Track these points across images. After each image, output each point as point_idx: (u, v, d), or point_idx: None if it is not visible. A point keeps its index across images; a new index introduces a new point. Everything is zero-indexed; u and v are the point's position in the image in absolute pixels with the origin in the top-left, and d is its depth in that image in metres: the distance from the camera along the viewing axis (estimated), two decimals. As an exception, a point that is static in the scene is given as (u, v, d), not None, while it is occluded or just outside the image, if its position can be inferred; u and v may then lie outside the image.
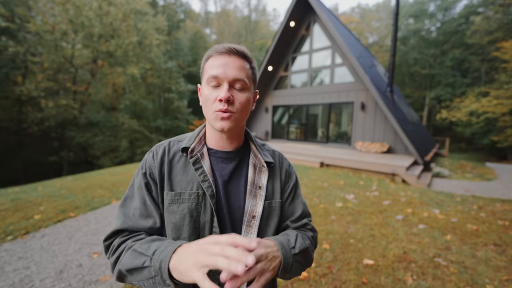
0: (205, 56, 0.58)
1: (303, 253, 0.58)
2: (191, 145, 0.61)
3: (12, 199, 3.51)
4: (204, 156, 0.62)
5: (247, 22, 29.79)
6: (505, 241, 2.45)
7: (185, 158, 0.61)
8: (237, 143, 0.65)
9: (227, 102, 0.53)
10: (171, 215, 0.58)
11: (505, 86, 10.64)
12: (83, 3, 12.46)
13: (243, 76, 0.55)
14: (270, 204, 0.64)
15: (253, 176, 0.63)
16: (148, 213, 0.59)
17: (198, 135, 0.64)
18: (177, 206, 0.57)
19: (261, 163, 0.65)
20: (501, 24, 13.90)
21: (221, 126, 0.55)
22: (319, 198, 3.68)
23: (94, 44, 13.51)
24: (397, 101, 8.28)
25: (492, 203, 3.78)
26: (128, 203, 0.60)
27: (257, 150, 0.66)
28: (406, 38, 21.52)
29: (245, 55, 0.57)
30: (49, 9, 11.91)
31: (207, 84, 0.55)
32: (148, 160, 0.62)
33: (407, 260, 2.05)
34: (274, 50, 9.23)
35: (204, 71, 0.58)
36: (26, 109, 12.26)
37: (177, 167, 0.61)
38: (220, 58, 0.55)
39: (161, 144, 0.65)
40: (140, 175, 0.61)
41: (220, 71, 0.53)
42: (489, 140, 13.95)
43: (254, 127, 11.28)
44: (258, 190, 0.63)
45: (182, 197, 0.58)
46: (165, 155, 0.62)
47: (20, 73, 11.70)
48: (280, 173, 0.69)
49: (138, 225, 0.58)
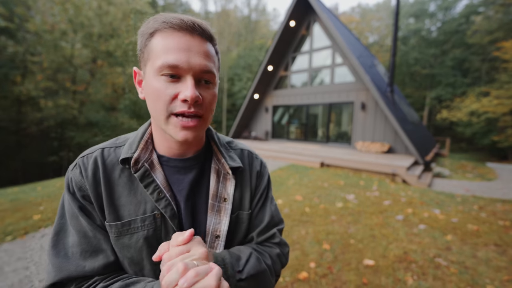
0: (146, 28, 0.40)
1: (256, 279, 0.45)
2: (134, 154, 0.45)
3: (12, 199, 3.50)
4: (154, 166, 0.47)
5: (247, 21, 29.77)
6: (506, 241, 2.44)
7: (129, 172, 0.46)
8: (197, 147, 0.51)
9: (194, 103, 0.40)
10: (123, 249, 0.44)
11: (505, 86, 10.63)
12: (83, 2, 12.46)
13: (212, 66, 0.42)
14: (237, 217, 0.52)
15: (216, 187, 0.51)
16: (94, 247, 0.43)
17: (142, 138, 0.48)
18: (129, 238, 0.44)
19: (226, 170, 0.52)
20: (502, 24, 13.88)
21: (184, 136, 0.41)
22: (319, 198, 3.67)
23: (94, 44, 13.51)
24: (397, 101, 8.27)
25: (492, 203, 3.77)
26: (62, 239, 0.43)
27: (220, 153, 0.53)
28: (406, 38, 21.50)
29: (211, 35, 0.42)
30: (48, 9, 11.91)
31: (158, 74, 0.39)
32: (74, 178, 0.45)
33: (408, 261, 2.05)
34: (274, 50, 9.22)
35: (149, 52, 0.40)
36: (26, 109, 12.25)
37: (119, 184, 0.45)
38: (177, 37, 0.38)
39: (89, 154, 0.47)
40: (69, 198, 0.44)
41: (182, 59, 0.38)
42: (489, 140, 13.93)
43: (254, 127, 11.27)
44: (222, 204, 0.50)
45: (133, 226, 0.44)
46: (99, 170, 0.45)
47: (19, 73, 11.68)
48: (251, 177, 0.56)
49: (85, 269, 0.41)
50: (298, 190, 4.05)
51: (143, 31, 0.41)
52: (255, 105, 10.88)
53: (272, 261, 0.52)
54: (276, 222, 0.57)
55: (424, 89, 20.65)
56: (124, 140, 0.50)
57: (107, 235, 0.45)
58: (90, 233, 0.43)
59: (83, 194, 0.44)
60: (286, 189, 4.12)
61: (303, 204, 3.36)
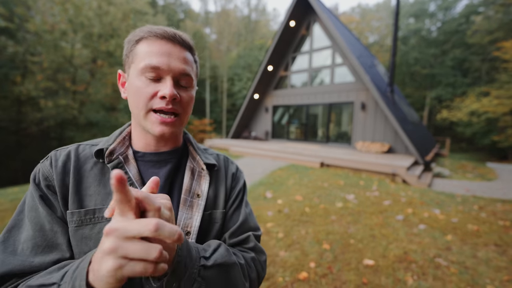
0: (133, 36, 0.46)
1: (224, 271, 0.42)
2: (110, 146, 0.47)
3: (12, 199, 3.50)
4: (129, 159, 0.48)
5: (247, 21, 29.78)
6: (506, 241, 2.44)
7: (102, 165, 0.46)
8: (173, 145, 0.53)
9: (172, 100, 0.44)
10: (82, 242, 0.41)
11: (505, 86, 10.63)
12: (83, 2, 12.47)
13: (190, 70, 0.47)
14: (211, 216, 0.52)
15: (189, 183, 0.52)
16: (49, 242, 0.40)
17: (120, 134, 0.51)
18: (90, 228, 0.42)
19: (200, 166, 0.54)
20: (502, 23, 13.88)
21: (161, 131, 0.44)
22: (319, 198, 3.67)
23: (94, 44, 13.52)
24: (397, 101, 8.27)
25: (492, 203, 3.77)
26: (13, 234, 0.41)
27: (196, 152, 0.56)
28: (406, 37, 21.50)
29: (190, 45, 0.48)
30: (48, 9, 11.92)
31: (141, 75, 0.43)
32: (43, 169, 0.45)
33: (408, 261, 2.04)
34: (274, 50, 9.22)
35: (134, 56, 0.45)
36: (26, 109, 12.26)
37: (90, 176, 0.45)
38: (160, 44, 0.44)
39: (64, 148, 0.48)
40: (32, 189, 0.43)
41: (163, 62, 0.43)
42: (489, 140, 13.92)
43: (254, 127, 11.27)
44: (195, 199, 0.51)
45: (97, 215, 0.42)
46: (70, 160, 0.46)
47: (20, 73, 11.69)
48: (226, 178, 0.58)
49: (32, 265, 0.38)
50: (298, 190, 4.05)
51: (130, 39, 0.46)
52: (255, 105, 10.88)
53: (245, 261, 0.49)
54: (251, 226, 0.56)
55: (424, 89, 20.65)
56: (100, 141, 0.52)
57: (65, 229, 0.42)
58: (47, 226, 0.41)
59: (48, 184, 0.44)
60: (286, 189, 4.12)
61: (303, 204, 3.35)
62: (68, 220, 0.42)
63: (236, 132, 11.14)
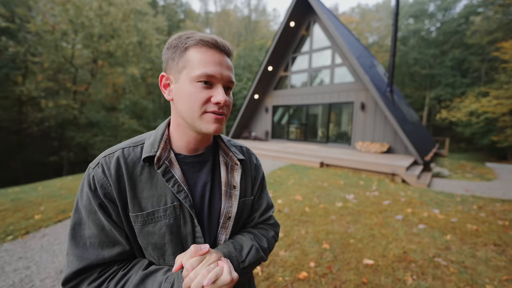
0: (180, 40, 0.49)
1: (254, 264, 0.58)
2: (156, 152, 0.51)
3: (12, 199, 3.51)
4: (173, 163, 0.53)
5: (247, 22, 29.80)
6: (505, 241, 2.45)
7: (149, 169, 0.52)
8: (208, 143, 0.59)
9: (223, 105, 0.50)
10: (148, 236, 0.51)
11: (505, 86, 10.64)
12: (83, 3, 12.48)
13: (233, 77, 0.53)
14: (244, 202, 0.62)
15: (226, 176, 0.59)
16: (111, 239, 0.49)
17: (162, 139, 0.54)
18: (153, 226, 0.50)
19: (234, 161, 0.61)
20: (501, 24, 13.90)
21: (214, 128, 0.50)
22: (319, 198, 3.68)
23: (94, 44, 13.53)
24: (397, 101, 8.29)
25: (492, 203, 3.78)
26: (79, 232, 0.48)
27: (227, 148, 0.62)
28: (406, 38, 21.52)
29: (232, 53, 0.53)
30: (49, 9, 11.93)
31: (194, 81, 0.47)
32: (97, 177, 0.49)
33: (407, 260, 2.05)
34: (274, 50, 9.23)
35: (185, 62, 0.48)
36: (26, 109, 12.27)
37: (141, 180, 0.51)
38: (212, 54, 0.48)
39: (111, 153, 0.52)
40: (88, 195, 0.49)
41: (217, 71, 0.48)
42: (489, 140, 13.95)
43: (254, 127, 11.28)
44: (233, 190, 0.59)
45: (156, 215, 0.51)
46: (121, 167, 0.50)
47: (20, 73, 11.70)
48: (250, 169, 0.67)
49: (104, 257, 0.48)
50: (298, 190, 4.05)
51: (177, 44, 0.49)
52: (255, 105, 10.89)
53: (268, 243, 0.65)
54: (271, 206, 0.72)
55: (424, 89, 20.67)
56: (140, 140, 0.56)
57: (122, 230, 0.51)
58: (107, 227, 0.49)
59: (105, 192, 0.49)
60: (286, 189, 4.13)
61: (303, 204, 3.36)
62: (132, 221, 0.50)
63: (236, 132, 11.15)
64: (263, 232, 0.66)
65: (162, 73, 0.53)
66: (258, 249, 0.59)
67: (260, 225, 0.69)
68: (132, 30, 15.26)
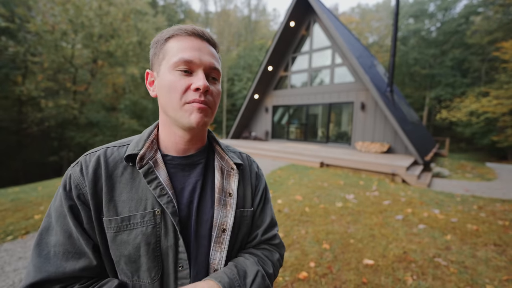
0: (162, 35, 0.47)
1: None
2: (140, 151, 0.47)
3: (12, 199, 3.51)
4: (158, 164, 0.48)
5: (247, 22, 29.79)
6: (505, 241, 2.44)
7: (132, 169, 0.47)
8: (200, 144, 0.54)
9: (205, 92, 0.45)
10: (121, 246, 0.44)
11: (505, 86, 10.64)
12: (83, 3, 12.48)
13: (217, 65, 0.48)
14: (242, 213, 0.55)
15: (221, 182, 0.53)
16: (77, 250, 0.43)
17: (148, 137, 0.50)
18: (127, 234, 0.44)
19: (230, 166, 0.55)
20: (501, 24, 13.90)
21: (196, 120, 0.45)
22: (319, 198, 3.68)
23: (94, 44, 13.52)
24: (397, 101, 8.28)
25: (492, 203, 3.77)
26: (45, 238, 0.43)
27: (223, 151, 0.56)
28: (406, 38, 21.51)
29: (215, 43, 0.50)
30: (49, 9, 11.93)
31: (173, 69, 0.44)
32: (74, 175, 0.45)
33: (407, 260, 2.05)
34: (274, 50, 9.23)
35: (164, 52, 0.46)
36: (26, 109, 12.27)
37: (121, 181, 0.46)
38: (190, 40, 0.45)
39: (93, 152, 0.49)
40: (61, 196, 0.44)
41: (195, 55, 0.44)
42: (489, 140, 13.94)
43: (254, 127, 11.28)
44: (228, 198, 0.53)
45: (132, 222, 0.44)
46: (100, 167, 0.46)
47: (20, 73, 11.70)
48: (251, 177, 0.60)
49: (65, 270, 0.41)
50: (298, 190, 4.05)
51: (158, 39, 0.48)
52: (255, 105, 10.89)
53: (273, 268, 0.56)
54: (275, 223, 0.63)
55: (424, 89, 20.66)
56: (127, 141, 0.52)
57: (90, 240, 0.44)
58: (75, 235, 0.43)
59: (79, 193, 0.44)
60: (286, 189, 4.13)
61: (303, 204, 3.36)
62: (106, 227, 0.44)
63: (236, 132, 11.15)
64: (267, 254, 0.57)
65: (147, 70, 0.51)
66: (264, 276, 0.50)
67: (263, 245, 0.59)
68: (132, 30, 15.26)
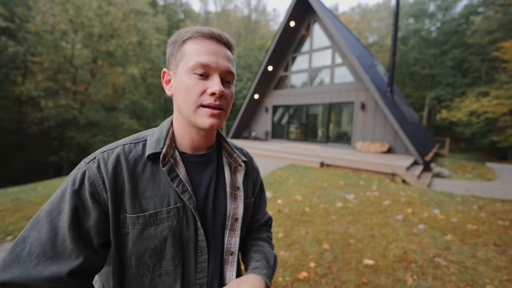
0: (179, 36, 0.48)
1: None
2: (162, 149, 0.48)
3: (12, 199, 3.51)
4: (178, 162, 0.51)
5: (247, 22, 29.77)
6: (506, 241, 2.44)
7: (151, 166, 0.48)
8: (211, 142, 0.57)
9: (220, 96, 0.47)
10: (148, 240, 0.46)
11: (505, 86, 10.64)
12: (83, 3, 12.47)
13: (233, 68, 0.50)
14: (247, 204, 0.61)
15: (230, 177, 0.59)
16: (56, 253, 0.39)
17: (167, 135, 0.51)
18: (155, 228, 0.46)
19: (238, 163, 0.61)
20: (501, 24, 13.90)
21: (211, 123, 0.46)
22: (319, 198, 3.67)
23: (94, 44, 13.52)
24: (397, 101, 8.28)
25: (492, 203, 3.77)
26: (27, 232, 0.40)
27: (231, 149, 0.61)
28: (406, 38, 21.51)
29: (232, 45, 0.51)
30: (49, 9, 11.93)
31: (190, 72, 0.46)
32: (90, 172, 0.44)
33: (407, 260, 2.05)
34: (274, 50, 9.22)
35: (182, 54, 0.47)
36: (26, 109, 12.27)
37: (143, 179, 0.47)
38: (208, 44, 0.46)
39: (110, 149, 0.48)
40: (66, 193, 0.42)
41: (212, 60, 0.45)
42: (489, 140, 13.95)
43: (254, 127, 11.28)
44: (237, 191, 0.59)
45: (159, 217, 0.47)
46: (121, 164, 0.46)
47: (20, 73, 11.70)
48: (252, 171, 0.67)
49: (30, 277, 0.36)
50: (298, 190, 4.05)
51: (175, 39, 0.49)
52: (255, 105, 10.89)
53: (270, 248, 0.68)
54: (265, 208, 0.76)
55: (424, 89, 20.67)
56: (142, 137, 0.53)
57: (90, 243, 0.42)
58: (61, 237, 0.40)
59: (93, 190, 0.43)
60: (286, 189, 4.12)
61: (303, 204, 3.36)
62: (130, 223, 0.45)
63: (236, 132, 11.15)
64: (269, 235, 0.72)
65: (164, 69, 0.52)
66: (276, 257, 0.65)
67: (263, 226, 0.73)
68: (132, 30, 15.26)
